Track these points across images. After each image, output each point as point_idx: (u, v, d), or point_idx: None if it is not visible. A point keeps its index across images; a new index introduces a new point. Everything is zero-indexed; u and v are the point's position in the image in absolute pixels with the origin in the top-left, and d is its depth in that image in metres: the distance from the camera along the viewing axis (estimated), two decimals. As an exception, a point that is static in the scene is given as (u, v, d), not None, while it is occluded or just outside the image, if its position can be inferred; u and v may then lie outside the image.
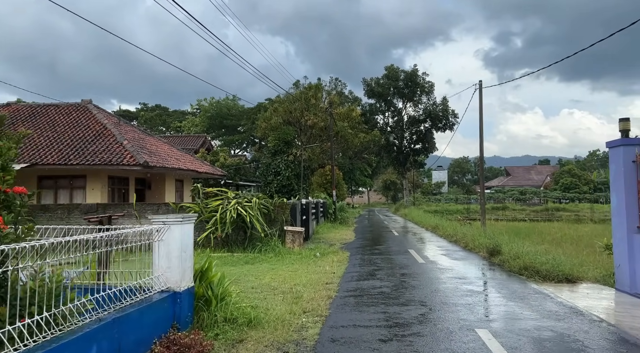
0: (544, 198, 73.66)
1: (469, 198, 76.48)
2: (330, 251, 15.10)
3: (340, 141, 31.80)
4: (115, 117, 24.36)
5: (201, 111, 74.75)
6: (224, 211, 14.93)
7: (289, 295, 8.67)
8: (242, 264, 13.05)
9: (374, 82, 53.41)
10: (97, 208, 16.57)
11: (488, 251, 13.39)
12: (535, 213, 48.54)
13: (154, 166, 19.63)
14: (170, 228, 6.10)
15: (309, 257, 13.91)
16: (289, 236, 15.49)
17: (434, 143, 54.80)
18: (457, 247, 16.71)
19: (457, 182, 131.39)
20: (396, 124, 55.27)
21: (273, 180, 29.36)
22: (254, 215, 14.78)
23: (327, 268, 11.94)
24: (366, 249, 16.48)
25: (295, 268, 12.04)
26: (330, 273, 11.23)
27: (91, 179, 20.03)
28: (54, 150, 19.52)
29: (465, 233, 17.80)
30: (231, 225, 14.80)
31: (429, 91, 52.89)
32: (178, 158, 24.31)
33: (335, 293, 8.83)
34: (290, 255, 14.27)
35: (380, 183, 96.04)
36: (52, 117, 22.48)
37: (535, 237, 24.49)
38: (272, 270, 11.82)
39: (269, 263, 12.99)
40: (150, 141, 24.02)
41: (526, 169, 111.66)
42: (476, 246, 15.28)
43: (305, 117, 30.19)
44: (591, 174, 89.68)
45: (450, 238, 19.22)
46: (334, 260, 13.35)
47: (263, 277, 10.65)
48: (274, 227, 15.89)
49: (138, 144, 21.44)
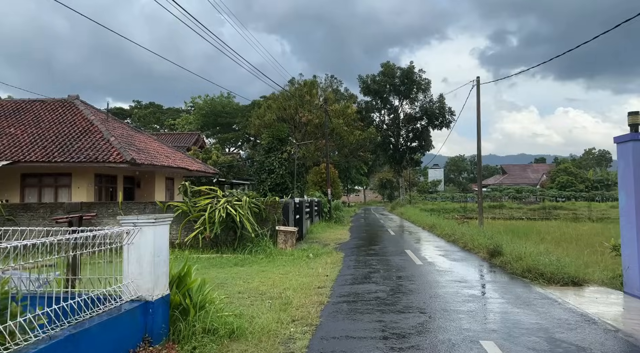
0: (540, 196, 73.43)
1: (466, 197, 76.15)
2: (324, 252, 14.51)
3: (336, 138, 31.16)
4: (103, 114, 23.65)
5: (195, 109, 73.82)
6: (212, 211, 14.31)
7: (278, 301, 8.07)
8: (231, 266, 12.45)
9: (369, 79, 52.75)
10: (81, 207, 15.90)
11: (488, 252, 12.84)
12: (533, 211, 48.16)
13: (141, 164, 18.96)
14: (142, 230, 5.47)
15: (301, 258, 13.32)
16: (281, 237, 14.88)
17: (430, 141, 54.29)
18: (455, 247, 16.16)
19: (453, 180, 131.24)
20: (392, 122, 54.68)
21: (267, 178, 28.72)
22: (244, 214, 14.17)
23: (319, 270, 11.34)
24: (361, 249, 15.90)
25: (286, 270, 11.44)
26: (323, 275, 10.64)
27: (77, 177, 19.34)
28: (38, 147, 18.81)
29: (464, 233, 17.26)
30: (220, 224, 14.19)
31: (425, 88, 52.32)
32: (168, 155, 23.64)
33: (328, 299, 8.23)
34: (282, 256, 13.67)
35: (377, 182, 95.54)
36: (37, 113, 21.75)
37: (534, 236, 23.94)
38: (262, 272, 11.21)
39: (259, 265, 12.39)
40: (140, 138, 23.33)
41: (522, 167, 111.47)
42: (475, 246, 14.73)
43: (299, 114, 29.52)
44: (587, 173, 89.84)
45: (448, 237, 18.68)
46: (328, 261, 12.76)
47: (252, 281, 10.04)
48: (265, 227, 15.29)
49: (126, 141, 20.76)
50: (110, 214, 15.83)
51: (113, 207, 15.92)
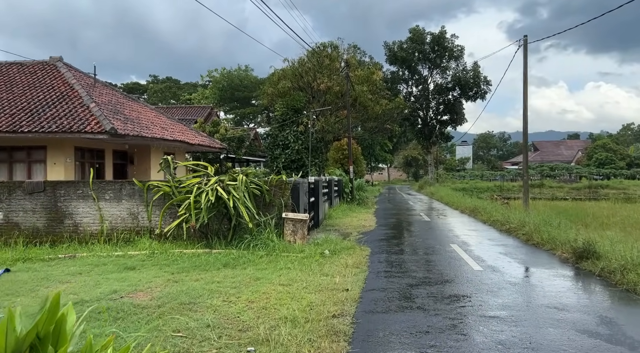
0: (576, 174, 68.51)
1: (495, 175, 71.71)
2: (343, 247, 11.12)
3: (359, 108, 27.45)
4: (91, 77, 20.49)
5: (212, 83, 70.48)
6: (199, 193, 11.03)
7: (265, 348, 4.78)
8: (218, 267, 9.20)
9: (396, 46, 48.03)
10: (45, 187, 12.86)
11: (573, 251, 9.20)
12: (576, 191, 43.59)
13: (126, 135, 15.81)
14: None
15: (313, 257, 9.97)
16: (288, 226, 11.54)
17: (463, 114, 49.58)
18: (516, 241, 12.52)
19: (482, 158, 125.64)
20: (421, 94, 50.10)
21: (281, 154, 25.34)
22: (239, 198, 10.83)
23: (337, 279, 7.98)
24: (392, 243, 12.47)
25: (290, 277, 8.13)
26: (341, 290, 7.28)
27: (53, 151, 16.34)
28: (5, 115, 15.81)
29: (524, 221, 13.55)
30: (210, 211, 10.91)
31: (458, 55, 47.44)
32: (165, 127, 20.45)
33: (347, 348, 4.87)
34: (288, 252, 10.36)
35: (401, 159, 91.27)
36: (12, 76, 18.73)
37: (591, 220, 20.30)
38: (257, 281, 7.92)
39: (256, 267, 9.10)
40: (132, 107, 20.17)
41: (555, 144, 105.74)
42: (545, 241, 11.11)
43: (318, 80, 25.86)
44: (628, 149, 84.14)
45: (500, 225, 15.03)
46: (348, 263, 9.38)
47: (236, 299, 6.77)
48: (269, 213, 11.96)
49: (112, 109, 17.62)
50: (80, 196, 12.76)
51: (83, 187, 12.83)
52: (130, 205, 12.63)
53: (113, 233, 12.40)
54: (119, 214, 12.68)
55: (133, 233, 12.41)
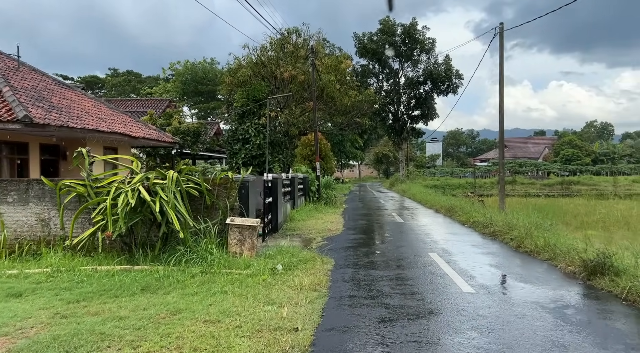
0: (544, 170, 68.90)
1: (465, 171, 71.31)
2: (301, 260, 9.04)
3: (327, 100, 25.43)
4: (14, 60, 17.68)
5: (175, 76, 67.02)
6: (117, 194, 8.73)
7: None
8: (134, 292, 6.98)
9: (366, 37, 46.25)
10: None
11: (584, 266, 7.38)
12: (548, 187, 43.00)
13: (46, 125, 13.27)
14: None
15: (261, 274, 7.86)
16: (233, 235, 9.36)
17: (434, 109, 48.20)
18: (504, 248, 10.70)
19: (451, 155, 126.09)
20: (392, 88, 48.43)
21: (240, 149, 23.04)
22: (167, 200, 8.59)
23: (284, 311, 5.88)
24: (360, 252, 10.48)
25: (223, 309, 5.99)
26: (288, 330, 5.21)
27: (-43, 144, 13.64)
28: None
29: (511, 223, 11.77)
30: (131, 216, 8.63)
31: (429, 48, 45.94)
32: (103, 118, 17.88)
33: None
34: (230, 269, 8.21)
35: (372, 156, 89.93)
36: None
37: (570, 219, 19.07)
38: (175, 316, 5.77)
39: (183, 292, 6.93)
40: (64, 94, 17.51)
41: (522, 140, 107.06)
42: (541, 248, 9.33)
43: (281, 68, 23.66)
44: (592, 146, 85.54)
45: (482, 228, 13.23)
46: (304, 283, 7.30)
47: (133, 350, 4.60)
48: (212, 219, 9.78)
49: (36, 96, 15.02)
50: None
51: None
52: (40, 209, 10.21)
53: (16, 244, 9.96)
54: (25, 220, 10.24)
55: (43, 244, 10.00)
